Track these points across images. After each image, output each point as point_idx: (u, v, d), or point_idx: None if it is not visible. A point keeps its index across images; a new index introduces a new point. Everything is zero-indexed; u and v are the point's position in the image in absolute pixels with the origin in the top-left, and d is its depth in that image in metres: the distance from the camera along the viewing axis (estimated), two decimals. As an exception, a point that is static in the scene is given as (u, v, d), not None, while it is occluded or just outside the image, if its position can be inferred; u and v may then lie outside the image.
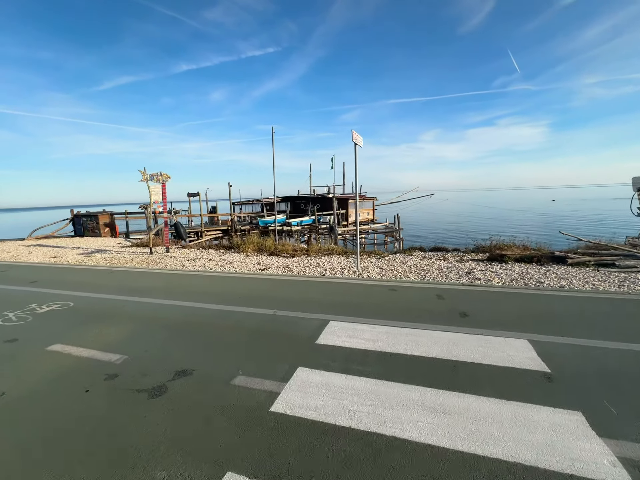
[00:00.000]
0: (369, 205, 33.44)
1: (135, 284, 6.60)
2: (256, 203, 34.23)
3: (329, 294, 5.42)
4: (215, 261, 9.20)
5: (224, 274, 7.31)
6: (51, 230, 19.94)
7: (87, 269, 8.45)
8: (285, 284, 6.26)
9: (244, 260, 9.35)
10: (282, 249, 10.57)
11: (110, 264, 9.34)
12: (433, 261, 8.15)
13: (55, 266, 8.99)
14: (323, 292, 5.53)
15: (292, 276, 6.93)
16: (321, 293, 5.49)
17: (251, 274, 7.29)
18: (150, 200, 10.67)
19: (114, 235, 18.87)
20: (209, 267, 8.40)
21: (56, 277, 7.52)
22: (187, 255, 10.43)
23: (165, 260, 9.78)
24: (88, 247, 13.65)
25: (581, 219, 43.37)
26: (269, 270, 7.80)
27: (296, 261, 8.85)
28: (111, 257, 10.69)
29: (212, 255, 10.29)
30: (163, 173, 10.61)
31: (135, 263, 9.36)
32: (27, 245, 15.39)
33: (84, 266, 8.94)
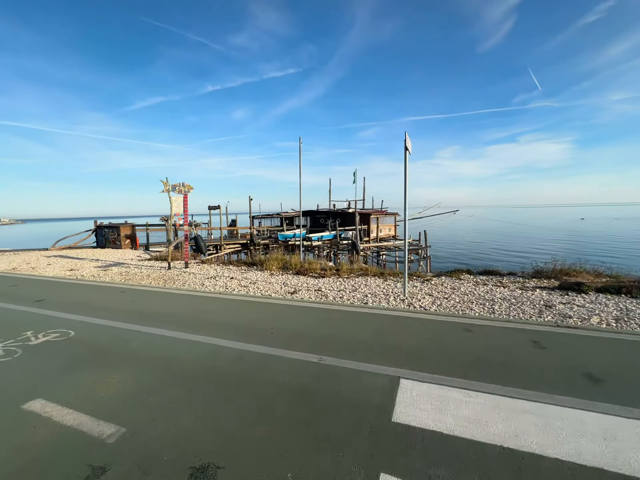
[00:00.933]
0: (391, 221, 32.22)
1: (149, 307, 5.69)
2: (275, 217, 33.75)
3: (383, 332, 4.27)
4: (237, 280, 8.25)
5: (248, 298, 6.30)
6: (74, 241, 19.87)
7: (99, 286, 7.67)
8: (323, 314, 5.16)
9: (269, 279, 8.35)
10: (309, 268, 9.54)
11: (125, 280, 8.58)
12: (490, 287, 6.86)
13: (67, 281, 8.29)
14: (374, 329, 4.39)
15: (328, 304, 5.83)
16: (371, 329, 4.35)
17: (280, 299, 6.24)
18: (170, 212, 10.00)
19: (135, 247, 18.50)
20: (230, 287, 7.45)
21: (65, 295, 6.76)
22: (206, 272, 9.57)
23: (184, 277, 8.93)
24: (106, 260, 13.12)
25: (622, 239, 40.28)
26: (299, 294, 6.74)
27: (327, 283, 7.76)
28: (127, 271, 9.98)
29: (234, 273, 9.37)
30: (185, 184, 9.97)
31: (151, 280, 8.55)
32: (48, 255, 15.12)
33: (97, 282, 8.19)
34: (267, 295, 6.63)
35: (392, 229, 32.01)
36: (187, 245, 10.31)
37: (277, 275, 9.02)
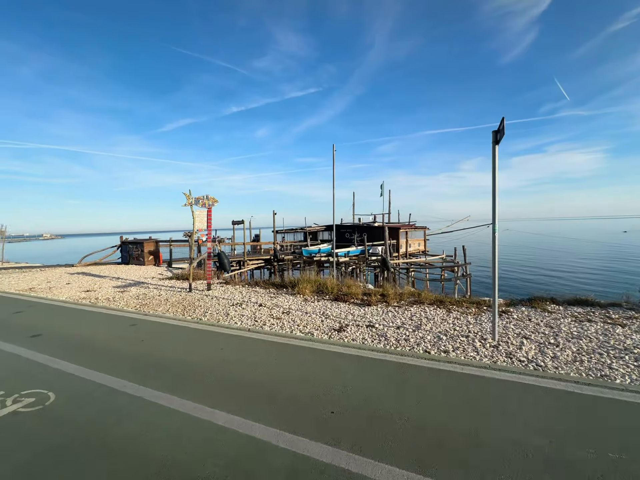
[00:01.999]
0: (420, 235, 30.22)
1: (160, 351, 4.39)
2: (299, 232, 32.70)
3: (517, 420, 2.68)
4: (267, 308, 6.89)
5: (284, 338, 4.86)
6: (100, 257, 19.56)
7: (109, 316, 6.53)
8: (393, 371, 3.60)
9: (304, 307, 6.93)
10: (349, 292, 8.04)
11: (140, 305, 7.44)
12: (602, 327, 5.05)
13: (77, 308, 7.25)
14: (497, 411, 2.79)
15: (395, 353, 4.20)
16: (494, 414, 2.76)
17: (325, 342, 4.74)
18: (193, 227, 8.95)
19: (157, 263, 17.82)
20: (260, 318, 6.08)
21: (68, 327, 5.62)
22: (231, 296, 8.30)
23: (206, 302, 7.70)
24: (127, 279, 12.27)
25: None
26: (347, 331, 5.23)
27: (377, 314, 6.22)
28: (145, 293, 8.91)
29: (262, 297, 8.04)
30: (209, 196, 8.93)
31: (169, 306, 7.37)
32: (72, 272, 14.60)
33: (109, 310, 7.08)
34: (307, 333, 5.18)
35: (422, 243, 29.95)
36: (209, 265, 9.16)
37: (312, 301, 7.59)
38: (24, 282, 11.71)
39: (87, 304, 7.57)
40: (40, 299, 8.34)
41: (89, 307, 7.31)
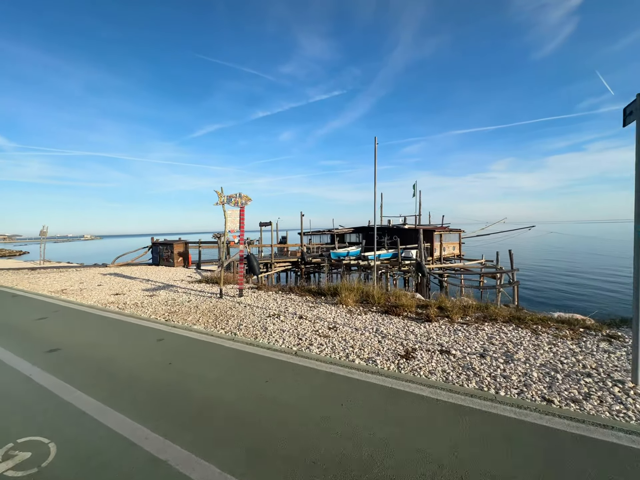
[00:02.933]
0: (455, 238, 28.19)
1: (190, 382, 3.49)
2: (325, 234, 31.77)
3: None
4: (309, 322, 5.91)
5: (342, 368, 3.80)
6: (132, 258, 19.68)
7: (135, 327, 5.82)
8: (526, 442, 2.48)
9: (351, 321, 5.88)
10: (400, 304, 6.89)
11: (168, 313, 6.74)
12: None
13: (103, 315, 6.66)
14: None
15: (505, 403, 3.06)
16: None
17: (399, 378, 3.61)
18: (225, 228, 8.21)
19: (187, 265, 17.53)
20: (304, 335, 5.10)
21: (88, 341, 4.90)
22: (266, 305, 7.43)
23: (239, 311, 6.87)
24: (156, 281, 11.85)
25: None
26: (418, 359, 4.11)
27: (443, 333, 5.04)
28: (174, 299, 8.26)
29: (300, 307, 7.09)
30: (243, 194, 8.16)
31: (199, 315, 6.60)
32: (105, 273, 14.53)
33: (134, 320, 6.40)
34: (367, 359, 4.11)
35: (457, 247, 27.93)
36: (242, 270, 8.36)
37: (358, 313, 6.53)
38: (59, 282, 11.60)
39: (114, 311, 6.97)
40: (68, 303, 7.90)
41: (115, 314, 6.69)
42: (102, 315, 6.51)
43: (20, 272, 15.45)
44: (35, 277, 13.07)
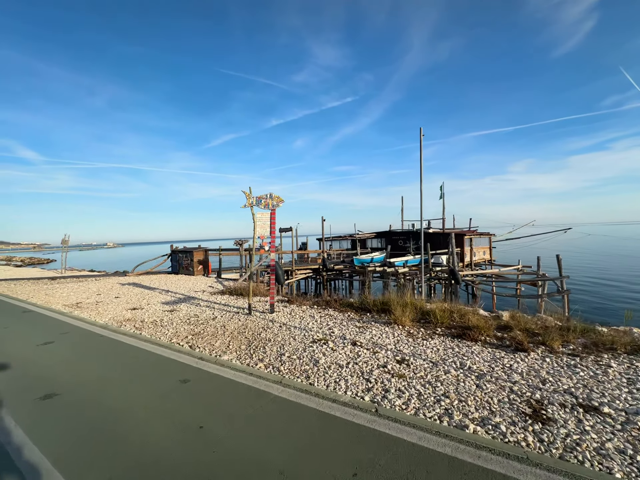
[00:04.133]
0: (485, 242, 26.27)
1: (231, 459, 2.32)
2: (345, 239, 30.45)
3: None
4: (366, 349, 4.63)
5: (456, 443, 2.49)
6: (151, 266, 18.98)
7: (152, 356, 4.68)
8: None
9: (419, 349, 4.56)
10: (471, 324, 5.51)
11: (192, 336, 5.62)
12: None
13: (116, 339, 5.58)
14: None
15: None
16: None
17: (553, 466, 2.33)
18: (253, 233, 7.09)
19: (207, 273, 16.62)
20: (370, 374, 3.82)
21: (94, 383, 3.84)
22: (304, 324, 6.20)
23: (274, 332, 5.67)
24: (177, 292, 10.88)
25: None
26: (558, 424, 2.76)
27: (559, 372, 3.64)
28: (197, 315, 7.17)
29: (346, 328, 5.83)
30: (274, 195, 7.04)
31: (228, 338, 5.44)
32: (123, 283, 13.76)
33: (152, 346, 5.28)
34: (481, 422, 2.79)
35: (487, 251, 25.99)
36: (273, 283, 7.17)
37: (421, 336, 5.19)
38: (76, 294, 10.81)
39: (129, 333, 5.89)
40: (80, 321, 6.92)
41: (131, 337, 5.62)
42: (116, 340, 5.44)
43: (40, 282, 14.93)
44: (53, 288, 12.40)
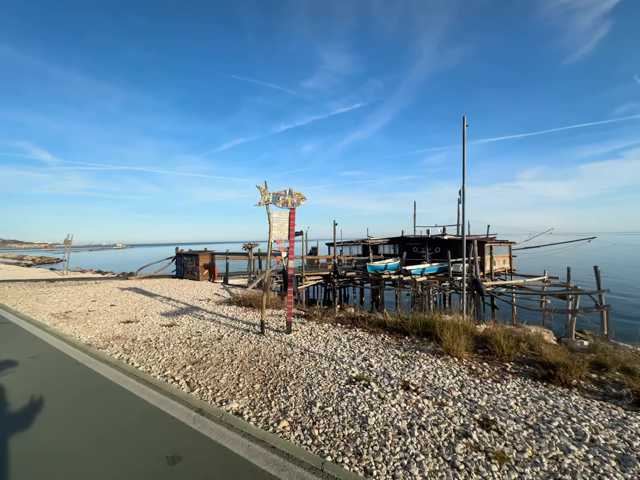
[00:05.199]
0: (505, 250, 24.72)
1: None
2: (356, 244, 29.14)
3: None
4: (426, 399, 3.36)
5: None
6: (155, 269, 17.92)
7: (134, 403, 3.49)
8: None
9: (495, 397, 3.26)
10: (543, 357, 4.19)
11: (191, 365, 4.40)
12: None
13: (93, 370, 4.38)
14: None
15: None
16: None
17: None
18: (269, 236, 5.89)
19: (213, 278, 15.49)
20: (446, 447, 2.56)
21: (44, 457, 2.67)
22: (331, 351, 4.94)
23: (296, 366, 4.41)
24: (179, 300, 9.72)
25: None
26: None
27: None
28: (200, 334, 5.96)
29: (386, 359, 4.55)
30: (294, 191, 5.85)
31: (237, 371, 4.22)
32: (124, 287, 12.68)
33: (136, 386, 4.07)
34: None
35: (507, 260, 24.41)
36: (290, 296, 5.93)
37: (489, 376, 3.89)
38: (69, 300, 9.73)
39: (112, 361, 4.67)
40: (59, 339, 5.74)
41: (113, 367, 4.39)
42: (93, 372, 4.22)
43: (37, 284, 13.94)
44: (47, 292, 11.36)
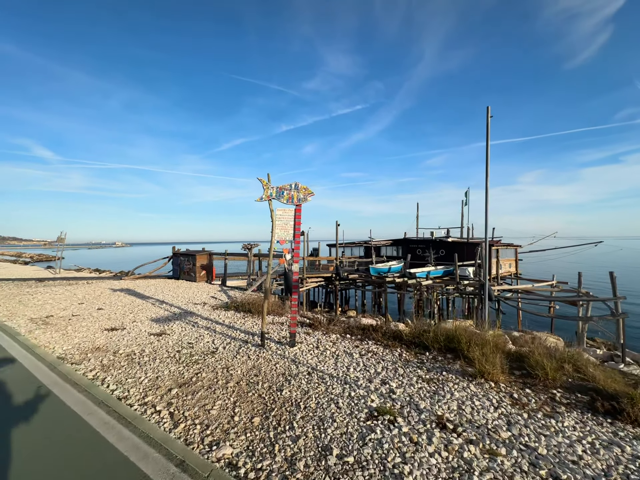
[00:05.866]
0: (511, 254, 24.04)
1: None
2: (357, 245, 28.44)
3: None
4: (459, 434, 2.66)
5: None
6: (151, 269, 17.15)
7: (97, 446, 2.80)
8: None
9: (554, 441, 2.53)
10: (591, 380, 3.48)
11: (178, 387, 3.67)
12: None
13: (57, 397, 3.63)
14: None
15: None
16: None
17: None
18: (271, 235, 5.17)
19: (210, 279, 14.75)
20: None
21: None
22: (342, 370, 4.21)
23: (303, 389, 3.70)
24: (172, 304, 8.99)
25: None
26: None
27: None
28: (192, 346, 5.23)
29: (405, 378, 3.84)
30: (300, 185, 5.14)
31: (233, 396, 3.50)
32: (116, 288, 11.94)
33: (105, 423, 3.37)
34: None
35: (513, 264, 23.72)
36: (295, 303, 5.21)
37: (534, 406, 3.17)
38: (54, 302, 8.99)
39: (84, 382, 3.92)
40: (29, 351, 4.99)
41: (82, 394, 3.66)
42: (56, 400, 3.47)
43: (25, 284, 13.19)
44: (33, 293, 10.61)
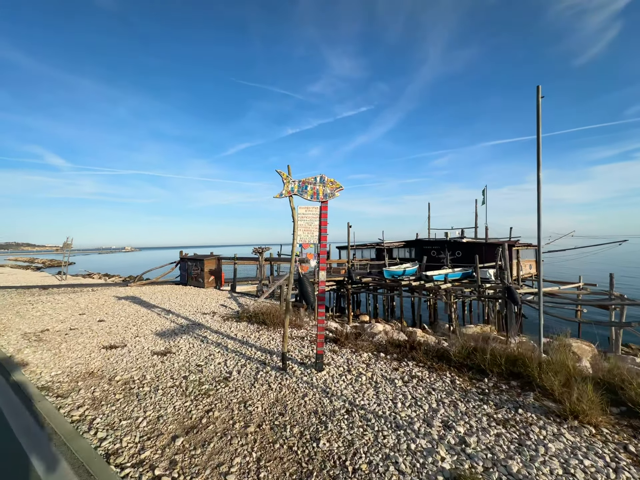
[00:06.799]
0: (531, 255, 22.85)
1: None
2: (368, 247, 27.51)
3: None
4: None
5: None
6: (158, 274, 16.50)
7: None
8: None
9: None
10: None
11: (184, 438, 2.85)
12: None
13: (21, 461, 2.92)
14: None
15: None
16: None
17: None
18: (293, 237, 4.35)
19: (219, 285, 14.02)
20: None
21: None
22: (387, 403, 3.35)
23: (346, 438, 2.82)
24: (180, 314, 8.22)
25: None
26: None
27: None
28: (200, 369, 4.43)
29: (473, 419, 2.96)
30: (327, 179, 4.32)
31: (256, 452, 2.66)
32: (121, 296, 11.27)
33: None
34: None
35: (533, 265, 22.52)
36: (322, 319, 4.36)
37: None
38: (53, 313, 8.31)
39: (65, 429, 3.12)
40: (11, 377, 4.25)
41: (60, 447, 2.86)
42: (22, 461, 2.71)
43: (28, 292, 12.61)
44: (35, 302, 9.98)
